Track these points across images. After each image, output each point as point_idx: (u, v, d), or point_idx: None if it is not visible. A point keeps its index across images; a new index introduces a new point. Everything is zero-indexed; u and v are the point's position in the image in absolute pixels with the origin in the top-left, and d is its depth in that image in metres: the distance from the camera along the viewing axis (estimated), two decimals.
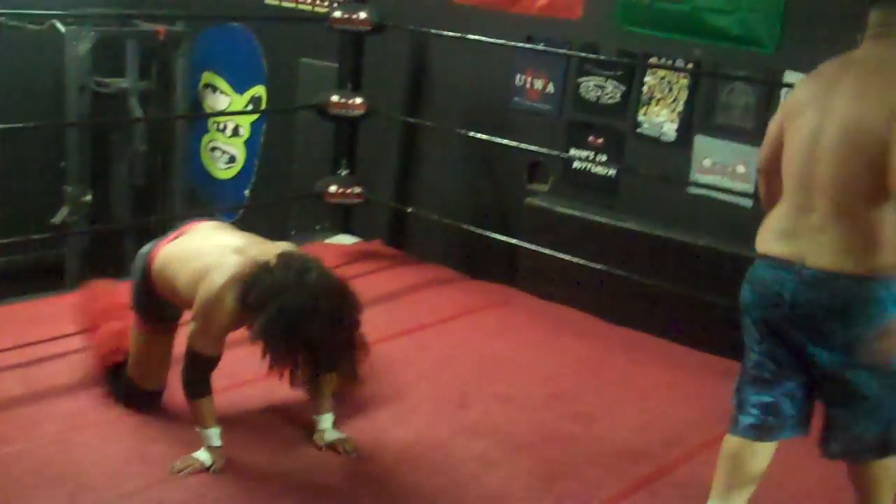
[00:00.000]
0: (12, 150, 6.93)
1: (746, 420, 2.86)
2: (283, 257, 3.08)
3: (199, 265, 3.20)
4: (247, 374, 3.61)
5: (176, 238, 3.41)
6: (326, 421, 3.39)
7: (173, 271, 3.29)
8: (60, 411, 3.51)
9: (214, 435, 3.20)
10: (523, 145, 5.20)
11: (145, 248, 3.45)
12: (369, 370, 3.43)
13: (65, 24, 6.45)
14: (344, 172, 5.67)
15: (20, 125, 6.51)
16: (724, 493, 2.88)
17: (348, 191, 5.60)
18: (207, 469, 3.17)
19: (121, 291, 3.70)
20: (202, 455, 3.19)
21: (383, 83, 5.96)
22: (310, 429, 3.43)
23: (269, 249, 3.19)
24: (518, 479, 3.31)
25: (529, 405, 3.87)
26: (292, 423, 3.54)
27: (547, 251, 4.97)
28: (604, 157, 5.20)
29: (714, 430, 3.74)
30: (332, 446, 3.37)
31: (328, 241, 5.78)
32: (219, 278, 3.09)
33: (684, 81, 4.88)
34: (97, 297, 3.79)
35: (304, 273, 3.01)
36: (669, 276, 4.59)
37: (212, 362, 3.18)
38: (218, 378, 3.24)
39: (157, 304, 3.42)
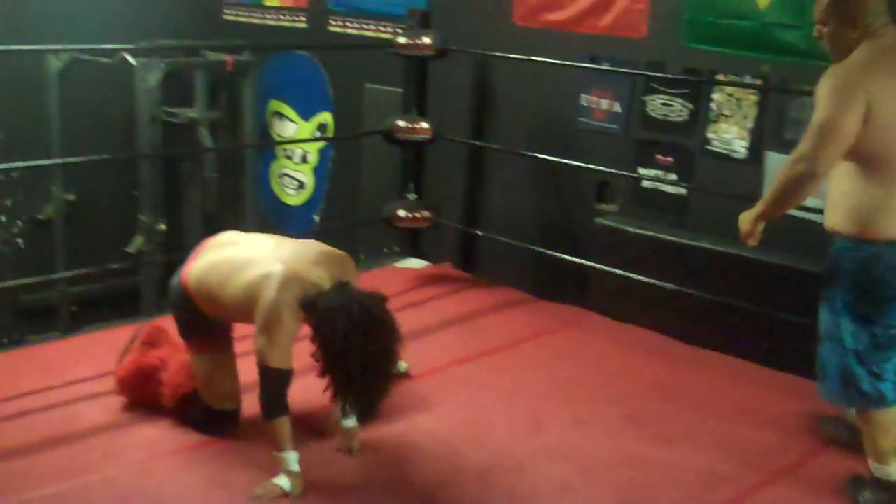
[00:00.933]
0: (88, 181, 7.11)
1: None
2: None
3: (244, 279, 3.26)
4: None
5: (197, 258, 3.48)
6: (288, 462, 3.26)
7: (214, 288, 3.35)
8: (141, 439, 3.55)
9: (293, 459, 3.22)
10: (590, 165, 5.19)
11: (174, 279, 3.51)
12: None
13: (135, 57, 6.59)
14: (412, 196, 5.71)
15: (95, 157, 6.66)
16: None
17: (417, 215, 5.63)
18: (287, 495, 3.20)
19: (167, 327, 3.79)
20: (282, 481, 3.20)
21: (448, 107, 5.99)
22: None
23: (300, 249, 3.38)
24: (596, 503, 3.29)
25: (605, 428, 3.84)
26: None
27: (617, 271, 4.94)
28: (673, 176, 5.17)
29: (794, 452, 3.71)
30: (343, 435, 3.43)
31: (398, 264, 5.81)
32: (273, 290, 3.15)
33: (753, 97, 4.84)
34: (151, 337, 3.81)
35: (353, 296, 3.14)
36: (743, 295, 4.53)
37: (287, 376, 3.21)
38: None
39: (206, 323, 3.47)
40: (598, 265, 5.10)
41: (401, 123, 5.55)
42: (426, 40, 5.46)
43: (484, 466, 3.47)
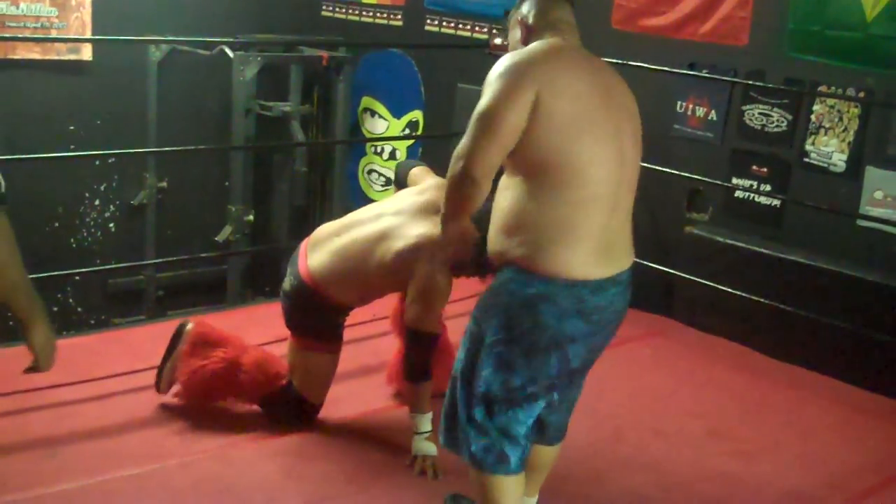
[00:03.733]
0: (180, 169, 7.23)
1: None
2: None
3: (391, 251, 3.32)
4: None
5: (308, 255, 3.51)
6: (426, 422, 3.37)
7: (354, 269, 3.40)
8: (220, 426, 3.59)
9: (429, 419, 3.33)
10: (683, 173, 5.11)
11: (289, 282, 3.54)
12: None
13: (233, 50, 6.68)
14: None
15: (188, 147, 6.77)
16: None
17: None
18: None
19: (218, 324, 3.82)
20: (425, 446, 3.32)
21: None
22: None
23: (417, 201, 3.41)
24: None
25: (685, 441, 3.77)
26: None
27: (706, 282, 4.85)
28: (768, 187, 5.05)
29: (880, 475, 3.59)
30: (415, 461, 3.37)
31: None
32: (425, 261, 3.23)
33: (855, 111, 4.70)
34: (200, 337, 3.73)
35: None
36: (835, 311, 4.41)
37: (436, 339, 3.32)
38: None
39: (328, 318, 3.51)
40: (686, 275, 5.02)
41: None
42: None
43: (562, 474, 3.42)
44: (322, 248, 3.50)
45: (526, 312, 2.54)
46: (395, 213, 3.44)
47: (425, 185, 3.54)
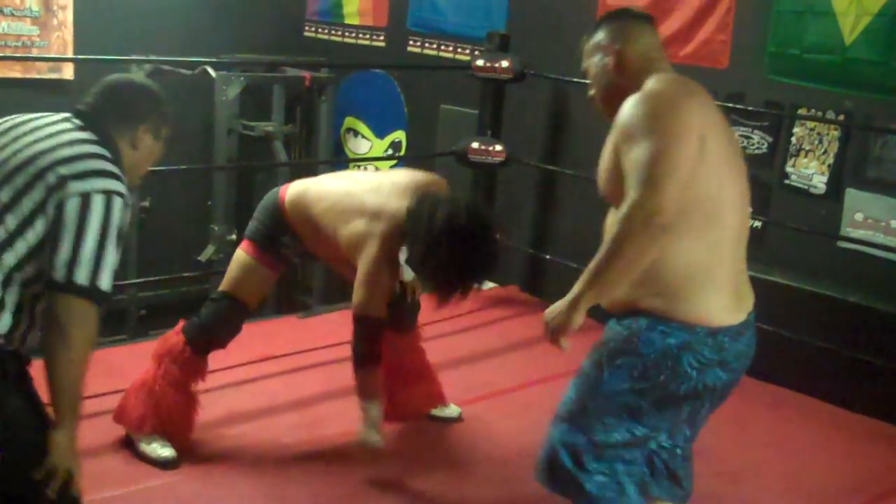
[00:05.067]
0: (163, 188, 7.21)
1: None
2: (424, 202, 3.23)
3: (355, 230, 3.31)
4: None
5: (291, 189, 3.54)
6: (374, 409, 3.37)
7: (323, 223, 3.40)
8: (203, 447, 3.57)
9: (377, 406, 3.34)
10: None
11: (271, 193, 3.60)
12: None
13: (216, 69, 6.69)
14: None
15: (171, 167, 6.74)
16: None
17: None
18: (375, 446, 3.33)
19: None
20: (371, 436, 3.32)
21: (522, 130, 5.97)
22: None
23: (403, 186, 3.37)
24: None
25: None
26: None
27: None
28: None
29: (864, 495, 3.61)
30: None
31: None
32: (374, 248, 3.26)
33: (835, 133, 4.75)
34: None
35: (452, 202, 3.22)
36: (817, 332, 4.44)
37: (382, 324, 3.34)
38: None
39: (273, 224, 3.51)
40: None
41: (475, 145, 5.55)
42: (504, 64, 5.46)
43: (543, 494, 3.42)
44: (306, 196, 3.50)
45: (665, 363, 2.42)
46: (377, 189, 3.43)
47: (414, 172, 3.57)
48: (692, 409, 2.53)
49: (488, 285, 5.80)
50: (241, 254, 3.57)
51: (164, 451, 3.37)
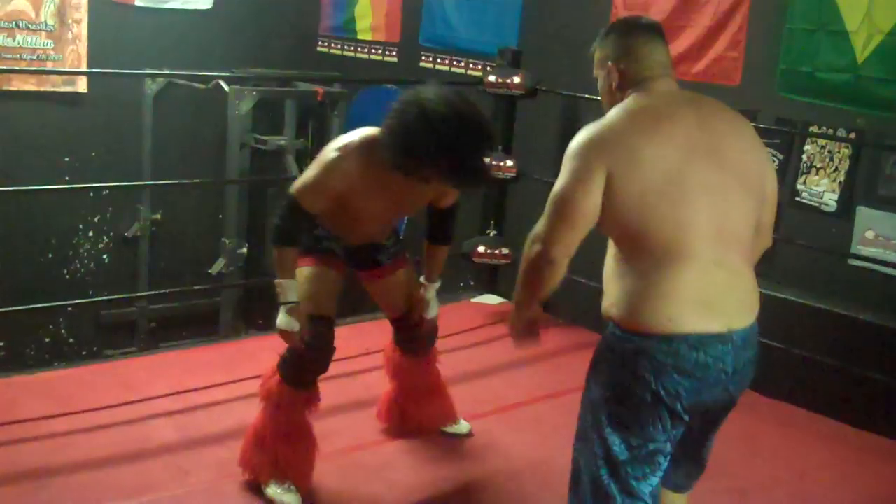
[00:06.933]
0: (175, 202, 7.25)
1: None
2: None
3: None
4: None
5: None
6: (289, 292, 3.29)
7: (310, 175, 3.28)
8: (212, 459, 3.58)
9: (292, 288, 3.25)
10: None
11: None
12: None
13: (229, 84, 6.72)
14: (492, 233, 5.70)
15: (183, 181, 6.80)
16: None
17: (496, 252, 5.63)
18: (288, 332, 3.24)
19: None
20: (286, 320, 3.23)
21: (534, 146, 5.98)
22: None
23: None
24: None
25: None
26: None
27: None
28: None
29: None
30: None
31: (474, 300, 5.79)
32: (335, 141, 3.26)
33: (846, 151, 4.74)
34: None
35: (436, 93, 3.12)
36: (827, 350, 4.43)
37: (305, 217, 3.23)
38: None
39: (313, 230, 3.45)
40: None
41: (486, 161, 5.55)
42: (516, 80, 5.48)
43: None
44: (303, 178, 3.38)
45: (625, 368, 2.48)
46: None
47: None
48: (669, 416, 2.49)
49: (497, 300, 5.81)
50: (299, 270, 3.44)
51: (286, 496, 3.28)
